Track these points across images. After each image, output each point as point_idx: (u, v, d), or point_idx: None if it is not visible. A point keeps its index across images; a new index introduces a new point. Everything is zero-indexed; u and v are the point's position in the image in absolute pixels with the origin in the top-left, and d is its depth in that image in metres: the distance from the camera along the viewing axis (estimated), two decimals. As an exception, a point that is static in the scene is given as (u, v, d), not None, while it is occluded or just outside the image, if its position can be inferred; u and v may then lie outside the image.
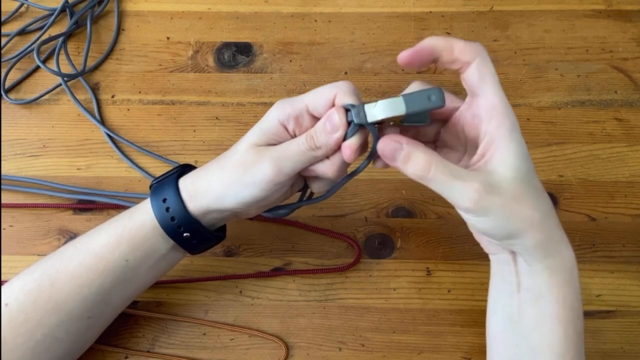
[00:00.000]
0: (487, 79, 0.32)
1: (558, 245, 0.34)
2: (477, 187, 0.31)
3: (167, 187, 0.38)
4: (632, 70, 0.55)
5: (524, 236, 0.32)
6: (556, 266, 0.34)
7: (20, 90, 0.56)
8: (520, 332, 0.35)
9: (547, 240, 0.33)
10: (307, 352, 0.45)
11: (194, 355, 0.45)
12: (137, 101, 0.55)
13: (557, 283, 0.34)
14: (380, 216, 0.49)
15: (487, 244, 0.37)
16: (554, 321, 0.34)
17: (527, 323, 0.35)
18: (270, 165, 0.34)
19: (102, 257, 0.38)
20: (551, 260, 0.34)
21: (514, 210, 0.32)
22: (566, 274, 0.34)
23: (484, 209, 0.31)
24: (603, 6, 0.58)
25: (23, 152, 0.53)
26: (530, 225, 0.32)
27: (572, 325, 0.34)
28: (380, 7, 0.59)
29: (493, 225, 0.32)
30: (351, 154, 0.34)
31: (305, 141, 0.34)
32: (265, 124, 0.35)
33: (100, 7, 0.59)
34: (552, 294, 0.34)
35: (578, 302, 0.34)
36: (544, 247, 0.33)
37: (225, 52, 0.57)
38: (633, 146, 0.52)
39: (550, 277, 0.34)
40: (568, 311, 0.34)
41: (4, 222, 0.50)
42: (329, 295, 0.47)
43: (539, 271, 0.34)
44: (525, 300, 0.35)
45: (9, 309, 0.37)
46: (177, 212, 0.37)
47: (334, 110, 0.33)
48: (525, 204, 0.32)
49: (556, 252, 0.34)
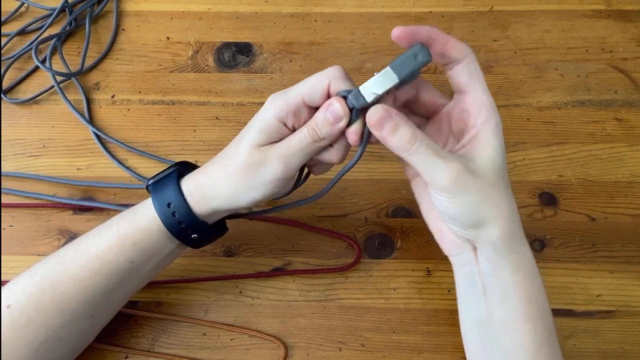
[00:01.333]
0: (476, 78, 0.34)
1: (519, 242, 0.35)
2: (457, 167, 0.32)
3: (169, 190, 0.37)
4: (632, 70, 0.55)
5: (493, 224, 0.33)
6: (518, 263, 0.34)
7: (19, 90, 0.56)
8: (492, 336, 0.36)
9: (511, 234, 0.34)
10: (307, 352, 0.45)
11: (194, 355, 0.45)
12: (137, 101, 0.55)
13: (521, 281, 0.34)
14: (380, 216, 0.49)
15: (449, 244, 0.37)
16: (522, 320, 0.34)
17: (497, 326, 0.35)
18: (278, 164, 0.35)
19: (106, 261, 0.38)
20: (514, 256, 0.34)
21: (488, 194, 0.33)
22: (528, 270, 0.35)
23: (462, 187, 0.32)
24: (603, 6, 0.58)
25: (23, 152, 0.53)
26: (499, 213, 0.33)
27: (541, 321, 0.34)
28: (380, 7, 0.59)
29: (465, 208, 0.33)
30: (357, 139, 0.34)
31: (308, 134, 0.34)
32: (263, 123, 0.35)
33: (99, 6, 0.59)
34: (518, 293, 0.34)
35: (544, 298, 0.35)
36: (509, 241, 0.34)
37: (225, 52, 0.57)
38: (633, 146, 0.52)
39: (514, 274, 0.34)
40: (534, 308, 0.34)
41: (4, 222, 0.50)
42: (329, 295, 0.47)
43: (502, 268, 0.34)
44: (492, 303, 0.35)
45: (10, 311, 0.37)
46: (185, 216, 0.37)
47: (334, 101, 0.33)
48: (499, 193, 0.33)
49: (519, 248, 0.34)
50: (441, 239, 0.38)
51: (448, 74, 0.35)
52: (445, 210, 0.34)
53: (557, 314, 0.45)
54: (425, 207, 0.38)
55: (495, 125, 0.33)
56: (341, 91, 0.34)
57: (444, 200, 0.33)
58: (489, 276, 0.35)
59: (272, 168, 0.35)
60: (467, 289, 0.37)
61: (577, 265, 0.47)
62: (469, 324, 0.38)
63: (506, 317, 0.35)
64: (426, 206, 0.38)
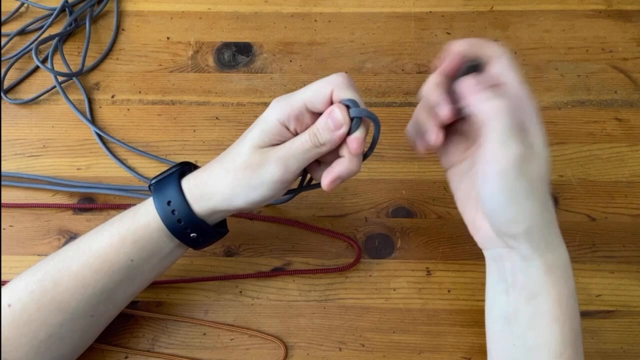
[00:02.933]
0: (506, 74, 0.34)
1: (556, 241, 0.34)
2: (523, 152, 0.31)
3: (170, 189, 0.38)
4: (632, 70, 0.55)
5: (529, 221, 0.33)
6: (553, 263, 0.34)
7: (19, 90, 0.56)
8: (516, 331, 0.35)
9: (548, 233, 0.33)
10: (307, 352, 0.45)
11: (194, 355, 0.45)
12: (137, 101, 0.55)
13: (553, 280, 0.34)
14: (380, 216, 0.49)
15: (484, 237, 0.36)
16: (550, 320, 0.34)
17: (523, 322, 0.35)
18: (277, 166, 0.35)
19: (106, 259, 0.38)
20: (549, 255, 0.34)
21: (536, 187, 0.32)
22: (562, 271, 0.34)
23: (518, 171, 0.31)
24: (603, 6, 0.58)
25: (23, 152, 0.53)
26: (539, 210, 0.33)
27: (569, 323, 0.34)
28: (380, 7, 0.59)
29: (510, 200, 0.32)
30: (358, 147, 0.34)
31: (309, 139, 0.35)
32: (265, 125, 0.35)
33: (99, 6, 0.59)
34: (548, 292, 0.34)
35: (574, 300, 0.34)
36: (545, 239, 0.33)
37: (225, 52, 0.57)
38: (633, 146, 0.52)
39: (547, 274, 0.34)
40: (564, 309, 0.34)
41: (4, 222, 0.50)
42: (329, 295, 0.47)
43: (535, 267, 0.34)
44: (520, 299, 0.35)
45: (12, 309, 0.37)
46: (184, 214, 0.37)
47: (335, 108, 0.34)
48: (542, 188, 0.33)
49: (554, 248, 0.34)
50: (475, 231, 0.37)
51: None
52: (491, 197, 0.33)
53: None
54: (460, 196, 0.38)
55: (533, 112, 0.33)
56: (344, 99, 0.34)
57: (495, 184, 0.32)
58: (520, 272, 0.34)
59: (271, 170, 0.35)
60: (496, 283, 0.36)
61: (577, 265, 0.47)
62: (493, 317, 0.37)
63: (533, 314, 0.34)
64: (462, 196, 0.37)
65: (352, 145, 0.34)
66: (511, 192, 0.32)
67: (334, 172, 0.36)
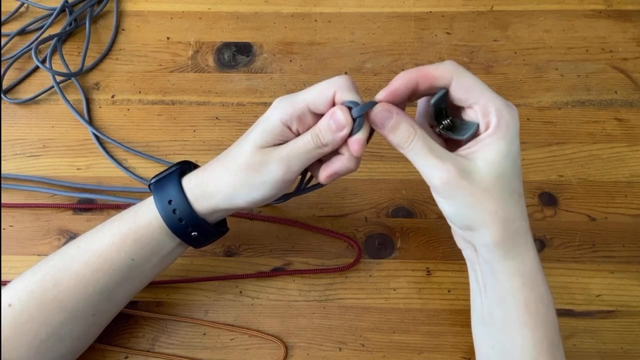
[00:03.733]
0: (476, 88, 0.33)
1: (520, 248, 0.34)
2: (450, 169, 0.32)
3: (170, 188, 0.38)
4: (632, 70, 0.55)
5: (483, 230, 0.33)
6: (516, 269, 0.34)
7: (19, 90, 0.56)
8: (492, 333, 0.36)
9: (507, 241, 0.34)
10: (307, 352, 0.45)
11: (194, 355, 0.45)
12: (137, 101, 0.55)
13: (517, 287, 0.34)
14: (380, 216, 0.49)
15: (457, 238, 0.38)
16: (518, 325, 0.34)
17: (497, 324, 0.35)
18: (279, 166, 0.35)
19: (107, 258, 0.38)
20: (511, 262, 0.34)
21: (478, 200, 0.33)
22: (527, 278, 0.34)
23: (451, 191, 0.32)
24: (603, 6, 0.58)
25: (23, 152, 0.53)
26: (491, 220, 0.33)
27: (541, 330, 0.34)
28: (380, 7, 0.59)
29: (456, 210, 0.34)
30: (359, 148, 0.35)
31: (312, 140, 0.35)
32: (268, 125, 0.35)
33: (99, 6, 0.59)
34: (514, 298, 0.34)
35: (544, 307, 0.35)
36: (503, 247, 0.34)
37: (225, 52, 0.57)
38: (633, 146, 0.52)
39: (510, 279, 0.34)
40: (532, 315, 0.34)
41: (4, 222, 0.50)
42: (329, 295, 0.47)
43: (498, 271, 0.34)
44: (492, 302, 0.35)
45: (12, 309, 0.37)
46: (185, 213, 0.37)
47: (337, 110, 0.34)
48: (493, 199, 0.33)
49: (516, 255, 0.34)
50: (453, 232, 0.38)
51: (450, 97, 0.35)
52: (442, 209, 0.35)
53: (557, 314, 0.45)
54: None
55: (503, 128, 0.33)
56: (346, 101, 0.34)
57: (438, 199, 0.34)
58: (487, 276, 0.36)
59: (273, 170, 0.35)
60: (473, 285, 0.38)
61: (577, 265, 0.47)
62: (474, 319, 0.39)
63: (504, 318, 0.35)
64: None
65: (353, 146, 0.35)
66: (452, 205, 0.33)
67: (332, 168, 0.36)
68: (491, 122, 0.33)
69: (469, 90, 0.33)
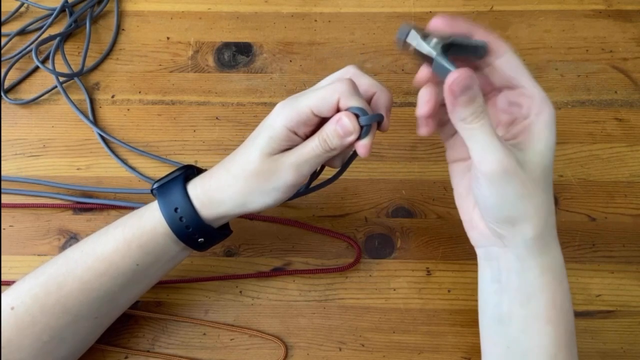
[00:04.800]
0: (523, 71, 0.33)
1: (552, 244, 0.34)
2: (510, 155, 0.31)
3: (176, 194, 0.38)
4: (632, 70, 0.55)
5: (528, 222, 0.32)
6: (548, 264, 0.34)
7: (19, 90, 0.56)
8: (510, 333, 0.35)
9: (545, 235, 0.33)
10: (307, 352, 0.45)
11: (194, 355, 0.45)
12: (137, 101, 0.55)
13: (548, 282, 0.34)
14: (380, 216, 0.49)
15: (479, 234, 0.36)
16: (543, 322, 0.34)
17: (517, 324, 0.35)
18: (290, 172, 0.35)
19: (112, 263, 0.38)
20: (545, 257, 0.34)
21: (529, 191, 0.32)
22: (557, 273, 0.34)
23: (508, 177, 0.31)
24: (603, 6, 0.58)
25: (23, 152, 0.53)
26: (536, 212, 0.32)
27: (563, 325, 0.34)
28: (380, 7, 0.59)
29: (502, 201, 0.32)
30: (367, 152, 0.35)
31: (320, 145, 0.35)
32: (273, 132, 0.35)
33: (99, 7, 0.59)
34: (543, 294, 0.34)
35: (568, 302, 0.35)
36: (541, 241, 0.33)
37: (225, 52, 0.57)
38: (633, 146, 0.52)
39: (542, 275, 0.34)
40: (558, 311, 0.34)
41: (4, 222, 0.50)
42: (329, 295, 0.47)
43: (531, 268, 0.34)
44: (514, 301, 0.35)
45: (15, 312, 0.37)
46: (192, 220, 0.37)
47: (344, 117, 0.34)
48: (541, 191, 0.32)
49: (550, 249, 0.34)
50: (470, 228, 0.37)
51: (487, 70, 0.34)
52: (484, 199, 0.33)
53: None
54: (460, 192, 0.37)
55: (549, 117, 0.32)
56: (352, 108, 0.34)
57: (485, 187, 0.32)
58: (515, 274, 0.34)
59: (284, 176, 0.35)
60: (489, 284, 0.36)
61: (577, 265, 0.47)
62: (487, 318, 0.37)
63: (527, 317, 0.34)
64: (462, 192, 0.37)
65: (360, 151, 0.35)
66: (501, 195, 0.32)
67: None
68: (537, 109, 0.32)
69: (519, 70, 0.33)
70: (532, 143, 0.32)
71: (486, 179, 0.32)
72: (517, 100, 0.33)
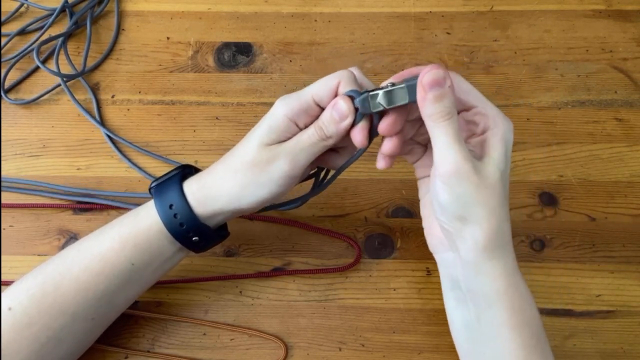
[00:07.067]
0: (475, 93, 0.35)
1: (503, 251, 0.34)
2: (468, 158, 0.32)
3: (171, 192, 0.38)
4: (632, 70, 0.55)
5: (478, 225, 0.33)
6: (500, 270, 0.34)
7: (20, 90, 0.56)
8: (480, 340, 0.36)
9: (495, 240, 0.34)
10: (307, 352, 0.45)
11: (194, 355, 0.45)
12: (137, 101, 0.55)
13: (503, 289, 0.34)
14: (380, 216, 0.49)
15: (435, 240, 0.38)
16: (508, 328, 0.34)
17: (485, 330, 0.35)
18: (285, 161, 0.35)
19: (107, 262, 0.38)
20: (497, 262, 0.34)
21: (482, 194, 0.33)
22: (510, 279, 0.34)
23: (460, 180, 0.32)
24: (603, 6, 0.58)
25: (23, 152, 0.53)
26: (487, 216, 0.33)
27: (528, 329, 0.34)
28: (380, 7, 0.59)
29: (454, 199, 0.33)
30: (362, 139, 0.35)
31: (316, 132, 0.35)
32: (273, 122, 0.35)
33: (100, 7, 0.59)
34: (500, 301, 0.34)
35: (529, 306, 0.35)
36: (491, 245, 0.33)
37: (225, 52, 0.57)
38: (633, 146, 0.52)
39: (495, 281, 0.34)
40: (519, 316, 0.34)
41: (4, 222, 0.50)
42: (329, 295, 0.47)
43: (484, 274, 0.34)
44: (479, 308, 0.35)
45: (12, 312, 0.37)
46: (186, 218, 0.37)
47: (339, 99, 0.34)
48: (495, 196, 0.33)
49: (503, 256, 0.34)
50: (429, 233, 0.39)
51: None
52: (436, 196, 0.34)
53: (557, 314, 0.46)
54: (424, 203, 0.40)
55: (504, 130, 0.34)
56: (348, 91, 0.34)
57: (439, 185, 0.33)
58: (471, 280, 0.35)
59: (280, 165, 0.35)
60: (451, 292, 0.37)
61: (577, 265, 0.47)
62: (457, 327, 0.38)
63: (491, 324, 0.35)
64: (425, 202, 0.39)
65: (355, 137, 0.35)
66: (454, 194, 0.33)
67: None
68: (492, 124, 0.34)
69: (468, 93, 0.35)
70: (488, 151, 0.34)
71: (439, 177, 0.33)
72: (472, 119, 0.35)
